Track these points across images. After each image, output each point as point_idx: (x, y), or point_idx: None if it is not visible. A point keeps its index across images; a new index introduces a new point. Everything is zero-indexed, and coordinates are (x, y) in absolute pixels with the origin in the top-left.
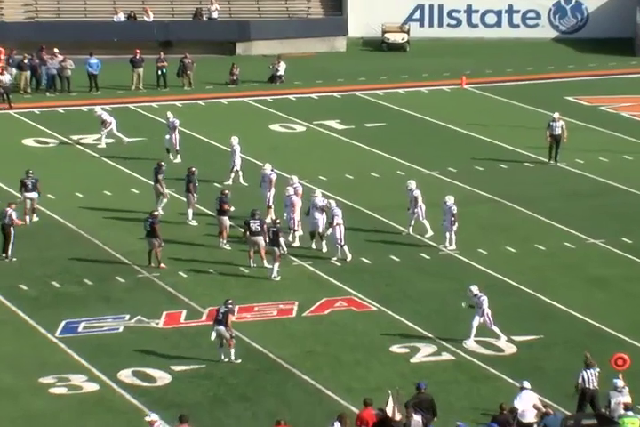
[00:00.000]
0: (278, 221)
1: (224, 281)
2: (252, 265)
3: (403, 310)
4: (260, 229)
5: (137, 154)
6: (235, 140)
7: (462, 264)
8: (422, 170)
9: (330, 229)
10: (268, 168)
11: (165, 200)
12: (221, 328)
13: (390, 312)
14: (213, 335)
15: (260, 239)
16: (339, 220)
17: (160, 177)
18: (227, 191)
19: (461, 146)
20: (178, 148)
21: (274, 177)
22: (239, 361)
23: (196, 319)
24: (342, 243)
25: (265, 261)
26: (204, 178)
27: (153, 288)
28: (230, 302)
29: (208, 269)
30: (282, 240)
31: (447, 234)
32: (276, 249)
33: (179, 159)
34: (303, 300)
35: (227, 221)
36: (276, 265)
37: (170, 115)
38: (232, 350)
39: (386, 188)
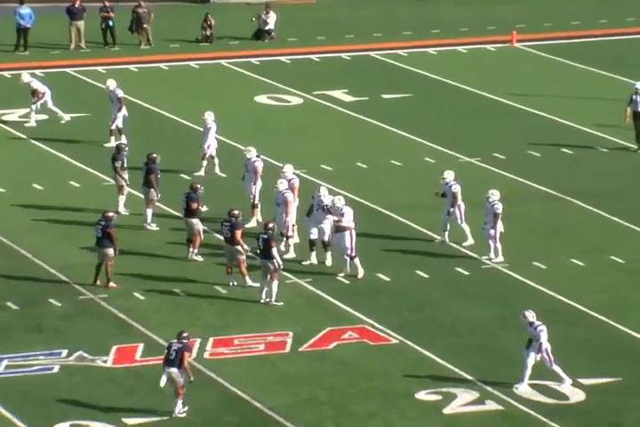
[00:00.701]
0: (271, 225)
1: (194, 305)
2: (230, 284)
3: (433, 343)
4: (230, 234)
5: (78, 135)
6: (209, 116)
7: (512, 282)
8: (459, 156)
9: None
10: (252, 153)
11: (123, 197)
12: (173, 370)
13: (416, 346)
14: (163, 380)
15: (236, 249)
16: (349, 223)
17: (117, 165)
18: (198, 185)
19: (512, 124)
20: (115, 126)
21: (259, 165)
22: (183, 415)
23: (156, 356)
24: (353, 254)
25: (247, 278)
26: (167, 167)
27: (99, 314)
28: (186, 335)
29: (173, 289)
30: (275, 251)
31: (491, 242)
32: (268, 263)
33: (118, 140)
34: (300, 330)
35: (198, 224)
36: (274, 285)
37: (111, 83)
38: (179, 402)
39: (411, 180)
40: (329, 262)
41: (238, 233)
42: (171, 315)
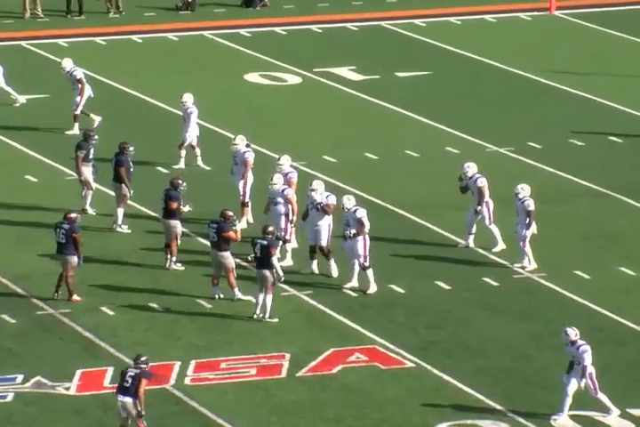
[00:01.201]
0: (270, 228)
1: (173, 322)
2: (216, 296)
3: (456, 366)
4: (216, 237)
5: (36, 120)
6: (189, 99)
7: (550, 294)
8: (487, 146)
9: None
10: (240, 142)
11: (91, 192)
12: (128, 400)
13: (436, 371)
14: (123, 413)
15: (224, 256)
16: (365, 227)
17: (80, 154)
18: (179, 181)
19: (550, 108)
20: (79, 111)
21: (250, 156)
22: None
23: None
24: (367, 263)
25: (237, 290)
26: (142, 159)
27: (61, 333)
28: (144, 359)
29: (148, 303)
30: (275, 260)
31: (524, 246)
32: (266, 273)
33: (76, 130)
34: (298, 351)
35: (177, 227)
36: (269, 299)
37: (67, 63)
38: None
39: (429, 174)
40: (334, 273)
41: (231, 234)
42: (145, 334)
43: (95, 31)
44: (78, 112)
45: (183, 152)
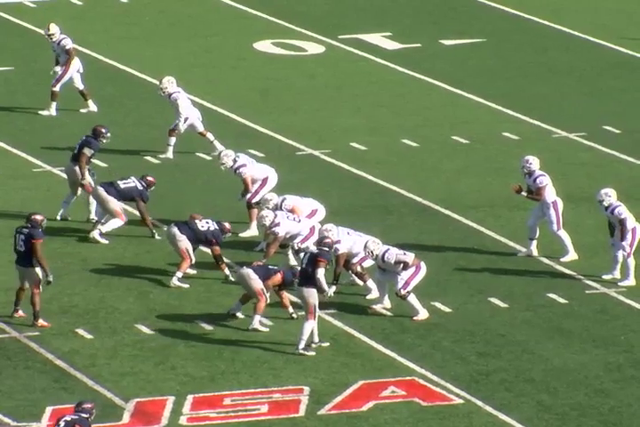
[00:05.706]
0: (328, 240)
1: (166, 347)
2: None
3: (514, 403)
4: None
5: None
6: (169, 83)
7: (632, 315)
8: (554, 130)
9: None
10: (228, 160)
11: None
12: None
13: (490, 408)
14: None
15: (247, 274)
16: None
17: (87, 153)
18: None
19: (631, 84)
20: (58, 87)
21: (245, 173)
22: None
23: (109, 422)
24: (406, 290)
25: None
26: (127, 146)
27: (27, 361)
28: (88, 406)
29: (134, 325)
30: (321, 273)
31: (619, 254)
32: (307, 292)
33: (52, 110)
34: (320, 384)
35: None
36: (307, 326)
37: (55, 29)
38: None
39: (482, 165)
40: (373, 293)
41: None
42: (132, 362)
43: None
44: (57, 89)
45: (173, 140)
